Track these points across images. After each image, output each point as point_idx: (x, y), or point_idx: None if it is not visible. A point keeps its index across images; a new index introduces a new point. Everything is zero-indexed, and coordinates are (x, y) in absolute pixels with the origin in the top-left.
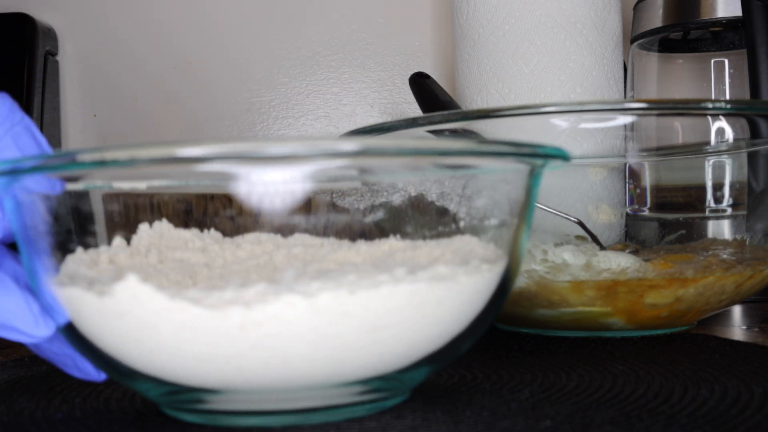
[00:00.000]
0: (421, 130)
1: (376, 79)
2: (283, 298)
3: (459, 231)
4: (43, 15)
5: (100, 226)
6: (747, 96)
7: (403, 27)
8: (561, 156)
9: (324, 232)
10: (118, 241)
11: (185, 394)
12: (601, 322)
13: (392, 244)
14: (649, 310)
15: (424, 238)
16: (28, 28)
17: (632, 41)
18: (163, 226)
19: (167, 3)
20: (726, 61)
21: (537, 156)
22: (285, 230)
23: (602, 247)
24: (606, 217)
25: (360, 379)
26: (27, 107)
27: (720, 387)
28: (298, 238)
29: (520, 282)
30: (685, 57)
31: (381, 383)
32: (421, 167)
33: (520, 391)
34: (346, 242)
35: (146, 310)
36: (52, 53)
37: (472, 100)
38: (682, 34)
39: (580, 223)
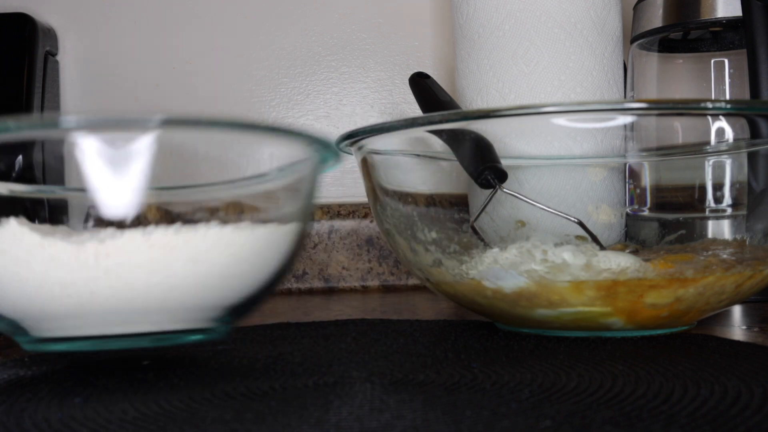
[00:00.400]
0: (421, 130)
1: (376, 79)
2: (126, 235)
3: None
4: (43, 15)
5: None
6: (747, 96)
7: (403, 27)
8: (324, 144)
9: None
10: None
11: (44, 324)
12: (601, 322)
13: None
14: (649, 310)
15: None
16: (28, 28)
17: (632, 41)
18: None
19: (167, 3)
20: (726, 61)
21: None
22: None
23: (602, 247)
24: (606, 217)
25: (188, 307)
26: (27, 107)
27: (720, 387)
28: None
29: (520, 282)
30: (685, 57)
31: (205, 314)
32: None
33: (520, 391)
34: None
35: (22, 247)
36: (52, 53)
37: (472, 100)
38: (682, 34)
39: (580, 223)
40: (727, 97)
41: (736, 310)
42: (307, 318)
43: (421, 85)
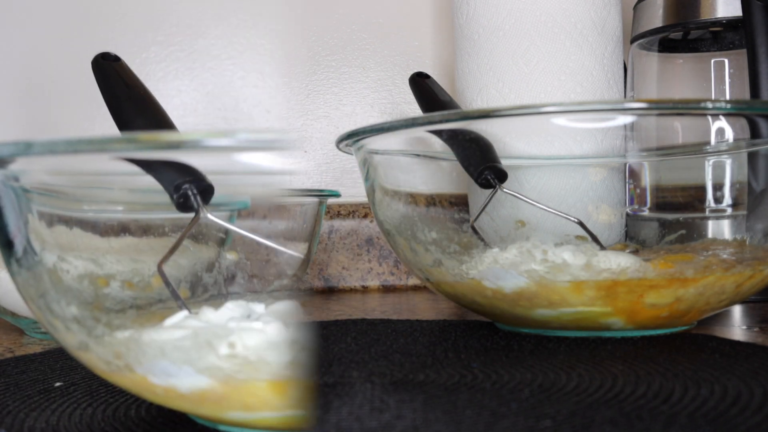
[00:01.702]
0: (421, 130)
1: (376, 79)
2: None
3: None
4: None
5: None
6: (747, 96)
7: (403, 27)
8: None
9: None
10: None
11: None
12: (601, 322)
13: None
14: (649, 310)
15: None
16: None
17: (632, 41)
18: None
19: (167, 3)
20: (726, 61)
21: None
22: None
23: (602, 247)
24: (606, 217)
25: None
26: None
27: (720, 387)
28: None
29: (520, 282)
30: (685, 57)
31: None
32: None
33: (520, 391)
34: None
35: None
36: None
37: (472, 100)
38: (682, 34)
39: (580, 223)
40: (727, 97)
41: (736, 310)
42: (307, 318)
43: (421, 85)
